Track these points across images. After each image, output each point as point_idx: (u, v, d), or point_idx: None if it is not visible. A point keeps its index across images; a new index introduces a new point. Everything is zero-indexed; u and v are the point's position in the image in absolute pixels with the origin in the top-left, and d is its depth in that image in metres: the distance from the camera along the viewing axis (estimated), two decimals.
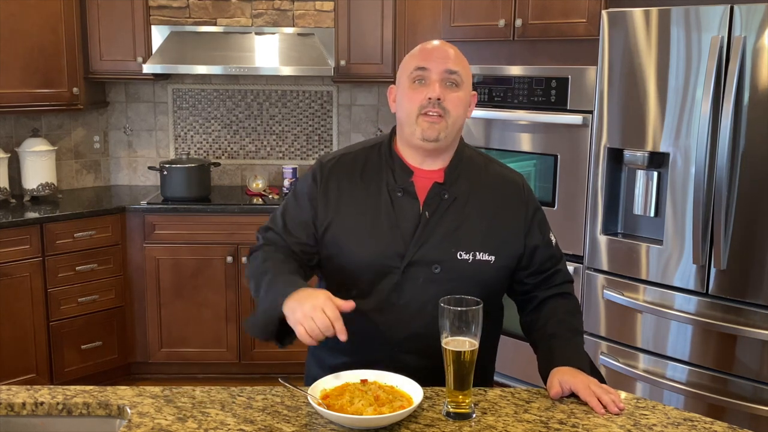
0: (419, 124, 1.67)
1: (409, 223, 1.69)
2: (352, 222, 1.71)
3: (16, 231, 3.53)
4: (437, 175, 1.73)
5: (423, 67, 1.67)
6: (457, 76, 1.67)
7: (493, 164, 1.82)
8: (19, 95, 3.78)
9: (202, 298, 3.94)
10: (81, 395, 1.57)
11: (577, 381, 1.57)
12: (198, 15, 4.06)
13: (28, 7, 3.74)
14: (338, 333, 1.48)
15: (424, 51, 1.71)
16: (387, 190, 1.72)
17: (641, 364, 2.90)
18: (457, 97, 1.68)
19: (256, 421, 1.46)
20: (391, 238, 1.68)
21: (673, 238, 2.76)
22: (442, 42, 1.75)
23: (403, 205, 1.70)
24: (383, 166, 1.75)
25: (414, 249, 1.67)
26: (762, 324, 2.56)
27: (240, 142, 4.53)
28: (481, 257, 1.69)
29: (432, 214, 1.69)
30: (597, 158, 2.99)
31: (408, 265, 1.67)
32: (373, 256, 1.68)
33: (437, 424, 1.46)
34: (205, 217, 3.91)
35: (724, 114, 2.55)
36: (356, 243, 1.70)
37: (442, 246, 1.68)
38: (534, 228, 1.78)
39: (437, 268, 1.68)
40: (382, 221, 1.70)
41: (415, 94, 1.67)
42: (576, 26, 3.07)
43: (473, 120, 3.41)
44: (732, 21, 2.54)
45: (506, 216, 1.74)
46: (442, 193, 1.71)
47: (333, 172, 1.76)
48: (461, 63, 1.70)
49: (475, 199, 1.73)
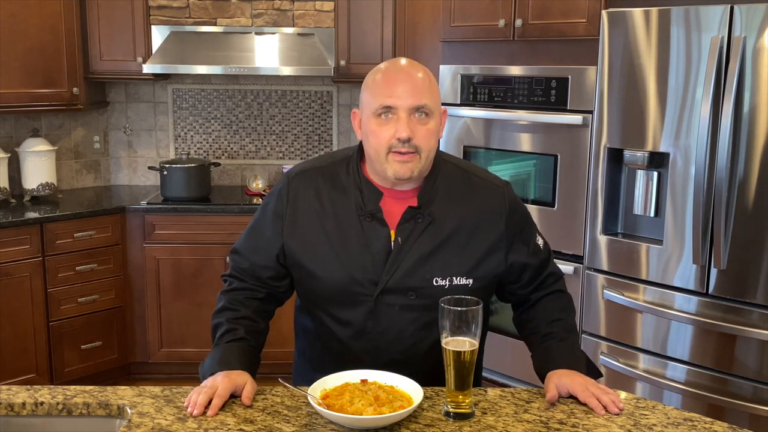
0: (390, 162, 1.57)
1: (380, 249, 1.61)
2: (319, 246, 1.64)
3: (16, 231, 3.53)
4: (410, 195, 1.64)
5: (388, 106, 1.55)
6: (425, 108, 1.56)
7: (473, 176, 1.71)
8: (19, 95, 3.78)
9: (202, 298, 3.94)
10: (81, 395, 1.57)
11: (575, 383, 1.56)
12: (198, 15, 4.06)
13: (28, 7, 3.74)
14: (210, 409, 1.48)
15: (389, 82, 1.57)
16: (356, 213, 1.63)
17: (641, 364, 2.90)
18: (428, 130, 1.57)
19: (256, 421, 1.46)
20: (361, 263, 1.61)
21: (673, 238, 2.76)
22: (408, 65, 1.61)
23: (373, 230, 1.62)
24: (351, 186, 1.65)
25: (387, 276, 1.61)
26: (762, 324, 2.56)
27: (240, 142, 4.53)
28: (458, 282, 1.63)
29: (405, 239, 1.61)
30: (597, 158, 2.99)
31: (381, 292, 1.61)
32: (343, 282, 1.62)
33: (437, 424, 1.46)
34: (205, 217, 3.91)
35: (724, 114, 2.55)
36: (324, 267, 1.64)
37: (416, 272, 1.61)
38: (517, 243, 1.70)
39: (413, 295, 1.62)
40: (351, 245, 1.62)
41: (382, 131, 1.56)
42: (576, 26, 3.07)
43: (473, 120, 3.42)
44: (732, 21, 2.54)
45: (484, 233, 1.66)
46: (416, 218, 1.62)
47: (300, 189, 1.68)
48: (429, 91, 1.58)
49: (450, 219, 1.64)
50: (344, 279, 1.63)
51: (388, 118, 1.57)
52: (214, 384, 1.52)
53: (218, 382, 1.52)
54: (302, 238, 1.66)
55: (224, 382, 1.52)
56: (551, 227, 3.19)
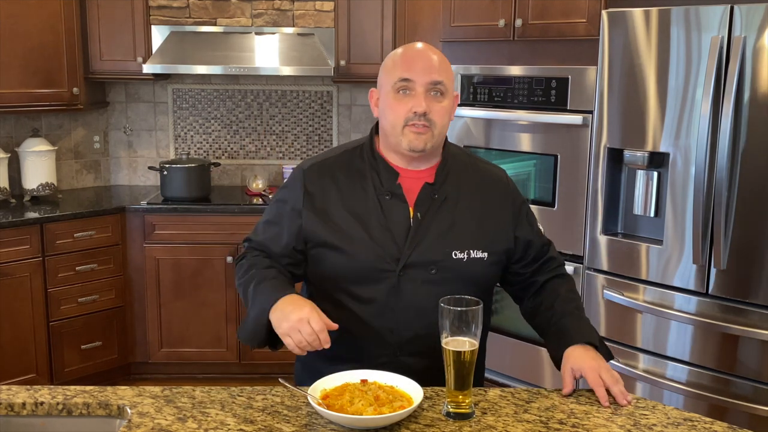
0: (405, 135, 1.66)
1: (400, 226, 1.68)
2: (341, 228, 1.69)
3: (16, 231, 3.53)
4: (426, 174, 1.73)
5: (407, 78, 1.65)
6: (441, 85, 1.67)
7: (477, 161, 1.84)
8: (19, 95, 3.78)
9: (202, 298, 3.94)
10: (81, 395, 1.57)
11: (587, 367, 1.58)
12: (198, 15, 4.06)
13: (28, 7, 3.74)
14: (323, 343, 1.51)
15: (408, 59, 1.68)
16: (375, 194, 1.70)
17: (641, 364, 2.90)
18: (442, 108, 1.68)
19: (256, 421, 1.46)
20: (383, 242, 1.67)
21: (673, 238, 2.76)
22: (425, 46, 1.72)
23: (393, 207, 1.69)
24: (367, 168, 1.73)
25: (409, 251, 1.67)
26: (762, 324, 2.56)
27: (240, 142, 4.53)
28: (475, 255, 1.70)
29: (424, 215, 1.69)
30: (597, 158, 2.99)
31: (404, 267, 1.67)
32: (368, 260, 1.67)
33: (437, 424, 1.46)
34: (205, 217, 3.91)
35: (724, 114, 2.55)
36: (349, 249, 1.68)
37: (436, 246, 1.68)
38: (523, 221, 1.80)
39: (433, 269, 1.68)
40: (372, 225, 1.68)
41: (400, 106, 1.66)
42: (576, 26, 3.07)
43: (473, 120, 3.42)
44: (732, 21, 2.54)
45: (494, 212, 1.76)
46: (432, 194, 1.71)
47: (316, 178, 1.74)
48: (445, 70, 1.69)
49: (464, 197, 1.74)
50: (369, 257, 1.67)
51: (406, 95, 1.66)
52: (302, 316, 1.51)
53: (305, 314, 1.51)
54: (325, 221, 1.70)
55: (311, 313, 1.51)
56: (551, 227, 3.19)
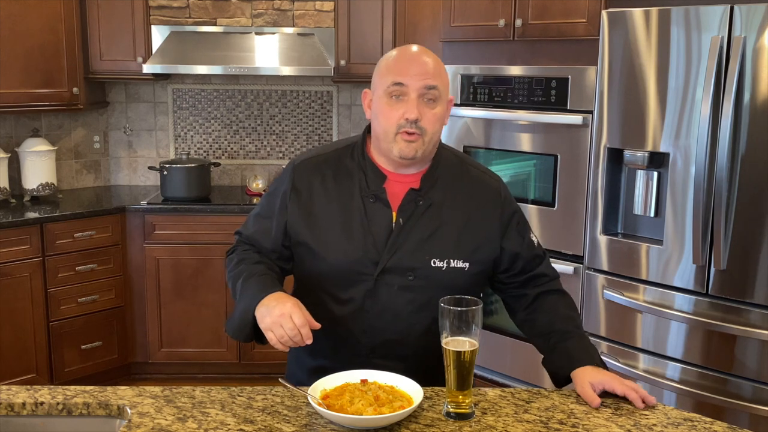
0: (397, 142, 1.64)
1: (382, 229, 1.67)
2: (324, 227, 1.69)
3: (16, 231, 3.54)
4: (413, 180, 1.71)
5: (400, 83, 1.62)
6: (435, 90, 1.63)
7: (470, 167, 1.79)
8: (19, 95, 3.78)
9: (202, 298, 3.94)
10: (81, 395, 1.57)
11: (611, 379, 1.58)
12: (198, 15, 4.06)
13: (28, 7, 3.74)
14: (305, 338, 1.51)
15: (402, 63, 1.65)
16: (360, 195, 1.69)
17: (641, 364, 2.90)
18: (434, 114, 1.64)
19: (256, 421, 1.46)
20: (363, 244, 1.66)
21: (673, 238, 2.76)
22: (420, 50, 1.68)
23: (376, 211, 1.68)
24: (356, 169, 1.71)
25: (387, 256, 1.66)
26: (762, 324, 2.56)
27: (240, 142, 4.53)
28: (455, 264, 1.68)
29: (406, 220, 1.67)
30: (597, 158, 2.99)
31: (381, 272, 1.66)
32: (346, 261, 1.67)
33: (437, 424, 1.46)
34: (205, 217, 3.91)
35: (724, 114, 2.55)
36: (328, 248, 1.68)
37: (415, 253, 1.66)
38: (512, 231, 1.75)
39: (411, 275, 1.67)
40: (354, 227, 1.67)
41: (392, 112, 1.63)
42: (576, 26, 3.07)
43: (473, 120, 3.42)
44: (732, 21, 2.54)
45: (481, 220, 1.72)
46: (417, 200, 1.68)
47: (304, 175, 1.73)
48: (440, 75, 1.65)
49: (449, 204, 1.71)
50: (348, 259, 1.67)
51: (398, 100, 1.63)
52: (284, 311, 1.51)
53: (287, 310, 1.51)
54: (307, 220, 1.70)
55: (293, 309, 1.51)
56: (551, 227, 3.19)
